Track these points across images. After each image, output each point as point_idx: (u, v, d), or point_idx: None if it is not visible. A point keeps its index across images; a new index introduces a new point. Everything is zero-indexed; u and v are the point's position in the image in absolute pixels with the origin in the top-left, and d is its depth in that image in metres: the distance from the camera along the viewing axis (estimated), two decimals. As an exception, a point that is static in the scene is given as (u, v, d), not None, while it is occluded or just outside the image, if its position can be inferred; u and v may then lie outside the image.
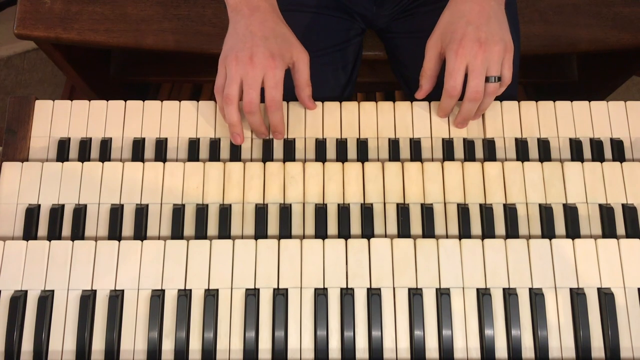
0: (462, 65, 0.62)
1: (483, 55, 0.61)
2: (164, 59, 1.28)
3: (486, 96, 0.64)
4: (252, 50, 0.62)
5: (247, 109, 0.63)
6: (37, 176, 0.65)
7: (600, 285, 0.60)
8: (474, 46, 0.61)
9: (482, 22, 0.63)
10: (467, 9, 0.64)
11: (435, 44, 0.66)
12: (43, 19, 0.95)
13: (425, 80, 0.68)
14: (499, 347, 0.58)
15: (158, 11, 0.97)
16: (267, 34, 0.64)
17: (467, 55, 0.62)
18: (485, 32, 0.62)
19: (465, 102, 0.64)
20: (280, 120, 0.66)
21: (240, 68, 0.62)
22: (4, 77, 1.61)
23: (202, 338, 0.58)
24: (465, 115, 0.66)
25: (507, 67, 0.64)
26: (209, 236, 0.63)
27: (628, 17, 0.96)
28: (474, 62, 0.62)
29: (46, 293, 0.59)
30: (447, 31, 0.64)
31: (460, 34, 0.62)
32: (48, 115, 0.69)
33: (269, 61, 0.62)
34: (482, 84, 0.62)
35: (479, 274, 0.60)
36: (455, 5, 0.66)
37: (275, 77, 0.63)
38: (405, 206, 0.64)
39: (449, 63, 0.63)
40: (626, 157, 0.68)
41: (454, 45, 0.62)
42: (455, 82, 0.63)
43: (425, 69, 0.68)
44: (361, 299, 0.59)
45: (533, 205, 0.64)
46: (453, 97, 0.64)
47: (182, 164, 0.66)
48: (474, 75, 0.62)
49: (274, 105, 0.64)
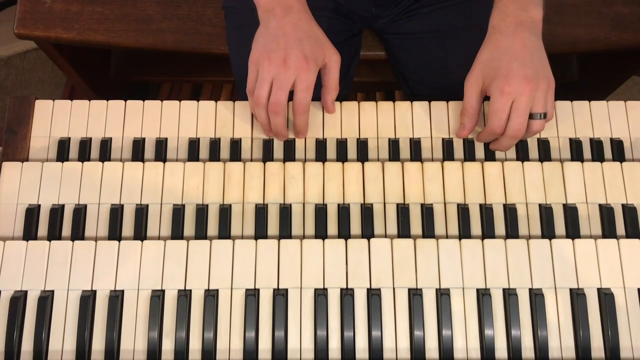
0: (507, 104, 0.61)
1: (529, 94, 0.60)
2: (164, 59, 1.28)
3: (529, 133, 0.63)
4: (285, 52, 0.61)
5: (272, 109, 0.62)
6: (37, 176, 0.65)
7: (600, 286, 0.60)
8: (521, 84, 0.60)
9: (526, 58, 0.61)
10: (508, 44, 0.63)
11: (477, 81, 0.64)
12: (43, 19, 0.95)
13: (467, 119, 0.66)
14: (499, 347, 0.58)
15: (158, 11, 0.97)
16: (300, 35, 0.63)
17: (514, 93, 0.60)
18: (531, 69, 0.61)
19: (506, 138, 0.63)
20: (306, 123, 0.66)
21: (272, 69, 0.61)
22: (4, 77, 1.61)
23: (202, 338, 0.58)
24: (501, 147, 0.66)
25: (550, 102, 0.63)
26: (209, 236, 0.63)
27: (628, 17, 0.96)
28: (520, 100, 0.60)
29: (46, 293, 0.59)
30: (490, 68, 0.63)
31: (506, 71, 0.61)
32: (48, 115, 0.69)
33: (302, 64, 0.61)
34: (525, 122, 0.61)
35: (479, 274, 0.60)
36: (495, 41, 0.64)
37: (308, 80, 0.62)
38: (405, 206, 0.64)
39: (494, 101, 0.61)
40: (626, 157, 0.68)
41: (499, 82, 0.61)
42: (501, 121, 0.62)
43: (467, 107, 0.65)
44: (361, 299, 0.59)
45: (533, 205, 0.64)
46: (496, 134, 0.64)
47: (182, 164, 0.66)
48: (517, 113, 0.61)
49: (302, 108, 0.63)
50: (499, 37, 0.64)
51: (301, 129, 0.67)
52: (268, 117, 0.64)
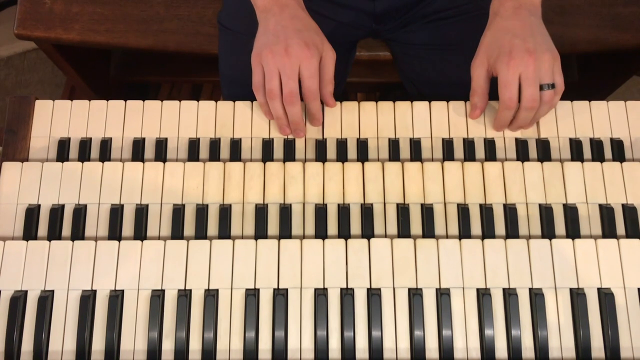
0: (515, 77, 0.62)
1: (534, 64, 0.62)
2: (164, 59, 1.28)
3: (542, 105, 0.64)
4: (286, 42, 0.63)
5: (287, 100, 0.63)
6: (37, 176, 0.65)
7: (600, 285, 0.59)
8: (524, 56, 0.62)
9: (527, 35, 0.63)
10: (509, 25, 0.65)
11: (482, 63, 0.66)
12: (43, 20, 0.95)
13: (478, 98, 0.67)
14: (499, 347, 0.58)
15: (158, 11, 0.97)
16: (299, 26, 0.65)
17: (519, 65, 0.62)
18: (532, 43, 0.62)
19: (522, 111, 0.64)
20: (318, 108, 0.66)
21: (277, 61, 0.62)
22: (4, 77, 1.61)
23: (202, 338, 0.58)
24: (520, 123, 0.66)
25: (558, 74, 0.64)
26: (209, 236, 0.63)
27: (628, 17, 0.96)
28: (527, 72, 0.62)
29: (46, 293, 0.59)
30: (493, 47, 0.65)
31: (509, 47, 0.63)
32: (48, 115, 0.69)
33: (304, 51, 0.62)
34: (537, 92, 0.62)
35: (479, 274, 0.60)
36: (495, 24, 0.66)
37: (311, 66, 0.63)
38: (405, 206, 0.64)
39: (502, 76, 0.63)
40: (626, 157, 0.68)
41: (504, 58, 0.62)
42: (512, 93, 0.63)
43: (476, 87, 0.67)
44: (361, 299, 0.59)
45: (533, 205, 0.64)
46: (511, 108, 0.64)
47: (182, 164, 0.66)
48: (527, 83, 0.62)
49: (312, 94, 0.64)
50: (499, 21, 0.66)
51: (316, 115, 0.67)
52: (284, 109, 0.65)
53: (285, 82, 0.63)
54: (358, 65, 0.97)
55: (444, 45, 0.84)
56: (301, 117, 0.66)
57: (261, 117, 0.70)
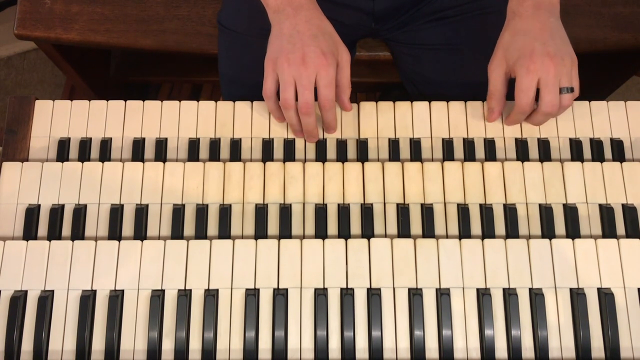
0: (534, 81, 0.62)
1: (555, 69, 0.61)
2: (164, 59, 1.28)
3: (561, 108, 0.64)
4: (303, 51, 0.61)
5: (303, 111, 0.62)
6: (37, 176, 0.65)
7: (600, 285, 0.59)
8: (545, 60, 0.61)
9: (547, 38, 0.62)
10: (528, 26, 0.64)
11: (500, 64, 0.65)
12: (43, 20, 0.95)
13: (495, 102, 0.67)
14: (499, 347, 0.58)
15: (158, 11, 0.97)
16: (315, 32, 0.63)
17: (539, 70, 0.61)
18: (552, 47, 0.62)
19: (539, 115, 0.64)
20: (334, 118, 0.66)
21: (293, 70, 0.61)
22: (4, 77, 1.61)
23: (202, 338, 0.58)
24: (534, 124, 0.67)
25: (575, 78, 0.64)
26: (209, 236, 0.63)
27: (628, 17, 0.96)
28: (547, 77, 0.61)
29: (46, 293, 0.59)
30: (512, 49, 0.64)
31: (529, 50, 0.62)
32: (48, 115, 0.69)
33: (321, 59, 0.61)
34: (557, 97, 0.62)
35: (479, 274, 0.60)
36: (514, 25, 0.65)
37: (328, 75, 0.62)
38: (405, 206, 0.64)
39: (521, 79, 0.62)
40: (626, 157, 0.68)
41: (524, 62, 0.62)
42: (529, 98, 0.62)
43: (493, 90, 0.66)
44: (361, 299, 0.59)
45: (533, 205, 0.64)
46: (527, 113, 0.64)
47: (182, 164, 0.66)
48: (548, 89, 0.61)
49: (328, 104, 0.64)
50: (517, 21, 0.65)
51: (331, 124, 0.67)
52: (298, 118, 0.64)
53: (301, 92, 0.62)
54: (358, 65, 0.97)
55: (444, 45, 0.84)
56: (315, 126, 0.65)
57: (261, 117, 0.70)
